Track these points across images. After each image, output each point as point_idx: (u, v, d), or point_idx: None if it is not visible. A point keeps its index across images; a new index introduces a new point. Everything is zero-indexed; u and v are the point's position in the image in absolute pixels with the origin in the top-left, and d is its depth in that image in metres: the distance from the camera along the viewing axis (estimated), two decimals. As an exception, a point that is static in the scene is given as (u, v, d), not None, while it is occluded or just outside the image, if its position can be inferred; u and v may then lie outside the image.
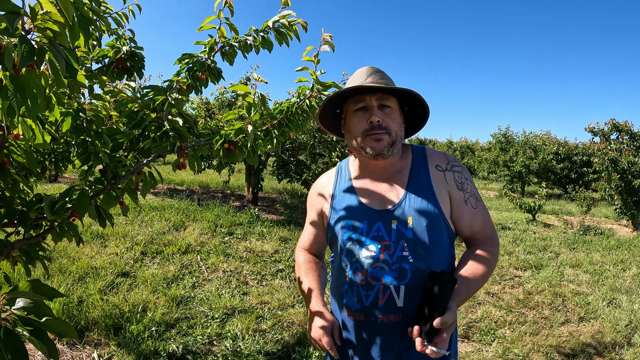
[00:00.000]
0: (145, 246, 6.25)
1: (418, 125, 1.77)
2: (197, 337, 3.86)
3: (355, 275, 1.58)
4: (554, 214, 14.23)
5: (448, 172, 1.69)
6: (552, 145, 22.11)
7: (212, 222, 8.03)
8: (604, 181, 12.43)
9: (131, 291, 4.68)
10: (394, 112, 1.62)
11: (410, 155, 1.73)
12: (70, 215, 1.84)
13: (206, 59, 2.22)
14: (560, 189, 22.55)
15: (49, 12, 1.15)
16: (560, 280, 6.57)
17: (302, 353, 3.75)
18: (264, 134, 2.00)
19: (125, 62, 2.41)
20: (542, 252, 8.31)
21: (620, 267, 7.63)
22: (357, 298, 1.58)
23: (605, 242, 9.49)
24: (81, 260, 5.32)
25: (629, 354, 4.31)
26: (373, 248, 1.57)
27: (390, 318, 1.54)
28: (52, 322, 1.08)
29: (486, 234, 1.71)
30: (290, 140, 9.61)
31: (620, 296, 5.97)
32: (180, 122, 1.90)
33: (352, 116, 1.63)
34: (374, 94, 1.59)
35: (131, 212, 8.07)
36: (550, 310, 5.35)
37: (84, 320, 3.88)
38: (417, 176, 1.66)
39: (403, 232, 1.56)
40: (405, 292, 1.53)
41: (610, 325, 4.95)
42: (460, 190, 1.67)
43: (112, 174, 1.87)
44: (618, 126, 12.10)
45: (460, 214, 1.67)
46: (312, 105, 2.04)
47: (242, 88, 1.84)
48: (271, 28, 2.29)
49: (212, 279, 5.35)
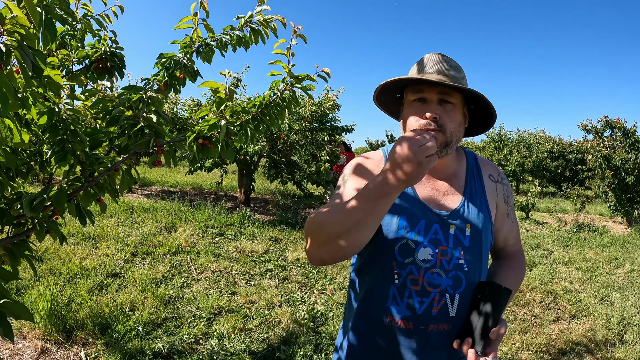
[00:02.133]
0: (135, 247, 6.25)
1: (482, 126, 1.66)
2: (184, 336, 3.86)
3: (408, 279, 1.44)
4: (548, 212, 14.28)
5: (499, 184, 1.66)
6: (546, 144, 22.18)
7: (203, 223, 8.04)
8: (598, 178, 12.45)
9: (120, 291, 4.68)
10: (455, 110, 1.46)
11: (465, 158, 1.66)
12: (51, 214, 1.85)
13: (183, 58, 2.22)
14: (554, 187, 22.64)
15: (16, 16, 1.16)
16: (552, 278, 6.58)
17: (287, 352, 3.75)
18: (239, 128, 2.00)
19: (105, 63, 2.41)
20: (534, 250, 8.33)
21: (614, 264, 7.65)
22: (407, 304, 1.44)
23: (599, 239, 9.51)
24: (72, 262, 5.32)
25: (621, 352, 4.31)
26: (430, 251, 1.44)
27: (440, 327, 1.44)
28: (8, 304, 1.10)
29: (517, 248, 1.73)
30: (281, 140, 9.62)
31: (612, 293, 5.98)
32: (154, 119, 1.91)
33: (409, 106, 1.49)
34: (435, 86, 1.44)
35: (123, 214, 8.08)
36: (541, 308, 5.35)
37: (73, 319, 3.87)
38: (473, 182, 1.60)
39: (461, 239, 1.49)
40: (459, 301, 1.45)
41: (602, 323, 4.95)
42: (506, 203, 1.66)
43: (89, 172, 1.88)
44: (611, 123, 12.12)
45: (502, 225, 1.66)
46: (285, 98, 2.03)
47: (212, 84, 1.84)
48: (245, 25, 2.29)
49: (201, 279, 5.35)
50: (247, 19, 2.28)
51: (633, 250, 8.79)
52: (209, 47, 2.29)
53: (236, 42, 2.31)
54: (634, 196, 11.83)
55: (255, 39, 2.34)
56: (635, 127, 11.85)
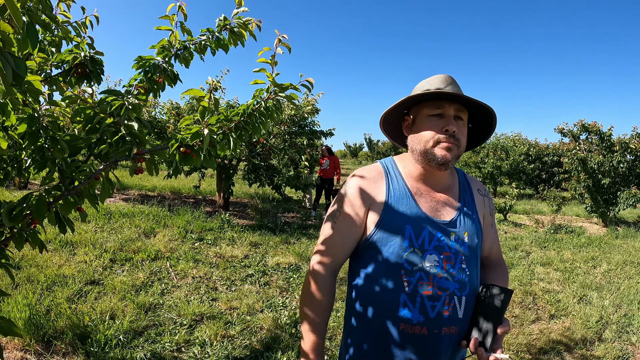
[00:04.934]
0: (114, 253, 6.17)
1: (472, 143, 1.82)
2: (165, 344, 3.82)
3: (419, 285, 1.51)
4: (525, 214, 14.43)
5: (486, 197, 1.81)
6: (522, 146, 22.42)
7: (182, 228, 7.98)
8: (574, 181, 12.66)
9: (99, 299, 4.62)
10: (464, 126, 1.61)
11: (456, 173, 1.79)
12: (30, 222, 1.81)
13: (162, 62, 2.19)
14: (531, 189, 22.90)
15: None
16: (530, 279, 6.65)
17: (270, 358, 3.73)
18: (221, 137, 1.98)
19: (84, 68, 2.37)
20: (513, 252, 8.42)
21: (591, 264, 7.78)
22: (420, 310, 1.50)
23: (576, 240, 9.65)
24: (49, 269, 5.23)
25: (600, 350, 4.38)
26: (436, 258, 1.54)
27: (451, 330, 1.53)
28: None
29: (500, 256, 1.88)
30: (260, 144, 9.59)
31: (590, 293, 6.08)
32: (135, 127, 1.88)
33: (426, 120, 1.59)
34: (453, 103, 1.57)
35: (101, 219, 7.98)
36: (521, 309, 5.41)
37: (52, 329, 3.81)
38: (466, 195, 1.73)
39: (461, 246, 1.59)
40: (465, 303, 1.55)
41: (581, 322, 5.03)
42: (491, 215, 1.82)
43: (69, 180, 1.84)
44: (587, 127, 12.32)
45: (487, 235, 1.79)
46: (269, 107, 2.02)
47: (196, 92, 1.82)
48: (223, 28, 2.27)
49: (181, 286, 5.29)
50: (224, 22, 2.26)
51: (609, 250, 8.93)
52: (187, 50, 2.27)
53: (215, 45, 2.29)
54: (610, 197, 12.04)
55: (235, 42, 2.32)
56: (611, 131, 12.07)
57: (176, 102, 11.53)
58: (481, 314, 1.53)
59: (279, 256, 6.93)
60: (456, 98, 1.55)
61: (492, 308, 1.52)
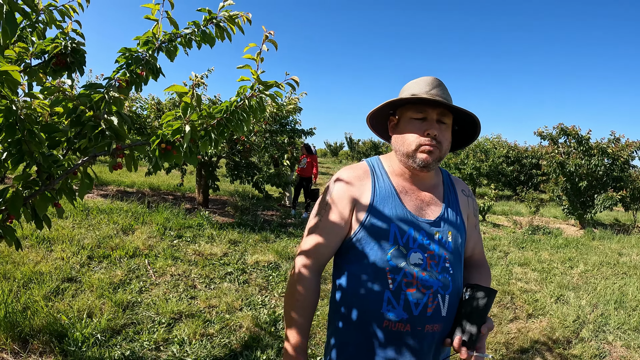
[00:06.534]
0: (92, 250, 6.07)
1: (459, 145, 1.84)
2: (144, 342, 3.77)
3: (403, 283, 1.52)
4: (504, 215, 14.57)
5: (470, 198, 1.84)
6: (502, 149, 22.65)
7: (161, 225, 7.90)
8: (552, 183, 12.82)
9: (77, 297, 4.54)
10: (447, 130, 1.63)
11: (440, 173, 1.81)
12: (6, 218, 1.77)
13: (145, 55, 2.15)
14: (510, 191, 23.12)
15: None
16: (509, 279, 6.72)
17: (250, 357, 3.71)
18: (203, 134, 1.95)
19: (65, 58, 2.32)
20: (491, 252, 8.49)
21: (568, 265, 7.89)
22: (404, 307, 1.51)
23: (553, 241, 9.78)
24: (26, 266, 5.13)
25: (578, 349, 4.45)
26: (420, 256, 1.56)
27: (434, 328, 1.54)
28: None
29: (483, 257, 1.92)
30: (240, 142, 9.54)
31: (567, 293, 6.17)
32: (115, 121, 1.84)
33: (409, 123, 1.62)
34: (436, 108, 1.59)
35: (78, 215, 7.86)
36: (499, 308, 5.45)
37: (29, 327, 3.73)
38: (450, 195, 1.76)
39: (444, 245, 1.61)
40: (449, 302, 1.56)
41: (559, 321, 5.10)
42: (475, 216, 1.85)
43: (46, 175, 1.80)
44: (566, 130, 12.45)
45: (470, 236, 1.82)
46: (253, 104, 1.99)
47: (179, 88, 1.79)
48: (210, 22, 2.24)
49: (159, 283, 5.24)
50: (211, 15, 2.23)
51: (586, 251, 9.06)
52: (172, 44, 2.23)
53: (201, 39, 2.26)
54: (587, 200, 12.20)
55: (221, 36, 2.29)
56: (590, 135, 12.24)
57: (157, 97, 11.41)
58: (465, 314, 1.55)
59: (258, 254, 6.90)
60: (447, 105, 1.57)
61: (476, 309, 1.53)
